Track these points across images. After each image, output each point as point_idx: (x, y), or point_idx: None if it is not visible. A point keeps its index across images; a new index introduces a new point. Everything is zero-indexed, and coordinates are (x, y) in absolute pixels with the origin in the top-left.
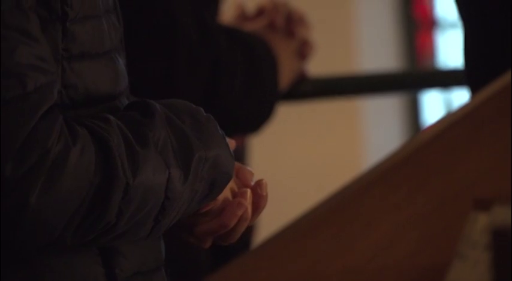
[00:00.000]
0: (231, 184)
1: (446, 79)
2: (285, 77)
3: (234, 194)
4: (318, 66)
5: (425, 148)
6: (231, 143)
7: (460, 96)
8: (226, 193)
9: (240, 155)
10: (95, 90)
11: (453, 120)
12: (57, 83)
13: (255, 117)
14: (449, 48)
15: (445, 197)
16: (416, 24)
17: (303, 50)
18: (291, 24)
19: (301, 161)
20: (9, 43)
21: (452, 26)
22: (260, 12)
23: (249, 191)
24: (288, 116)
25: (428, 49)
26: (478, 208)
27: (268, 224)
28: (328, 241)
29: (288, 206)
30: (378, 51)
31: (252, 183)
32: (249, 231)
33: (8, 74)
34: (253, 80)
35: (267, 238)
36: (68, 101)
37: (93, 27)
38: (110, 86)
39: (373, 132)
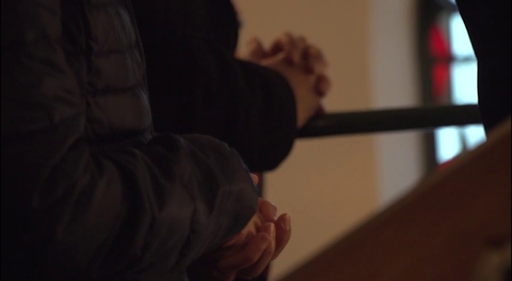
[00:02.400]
0: (255, 218)
1: (463, 117)
2: (302, 113)
3: (258, 229)
4: (334, 103)
5: (439, 187)
6: (254, 178)
7: (476, 132)
8: (249, 227)
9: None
10: (120, 126)
11: (468, 160)
12: (83, 115)
13: (273, 154)
14: (466, 84)
15: (459, 236)
16: (433, 59)
17: (320, 86)
18: (308, 60)
19: (316, 197)
20: (35, 75)
21: (469, 61)
22: (277, 47)
23: (272, 225)
24: (303, 152)
25: (445, 84)
26: (490, 246)
27: (282, 259)
28: (341, 280)
29: (302, 242)
30: (394, 86)
31: (275, 218)
32: (266, 266)
33: (34, 106)
34: (271, 115)
35: (279, 276)
36: (92, 136)
37: (118, 61)
38: (134, 121)
39: (388, 167)
